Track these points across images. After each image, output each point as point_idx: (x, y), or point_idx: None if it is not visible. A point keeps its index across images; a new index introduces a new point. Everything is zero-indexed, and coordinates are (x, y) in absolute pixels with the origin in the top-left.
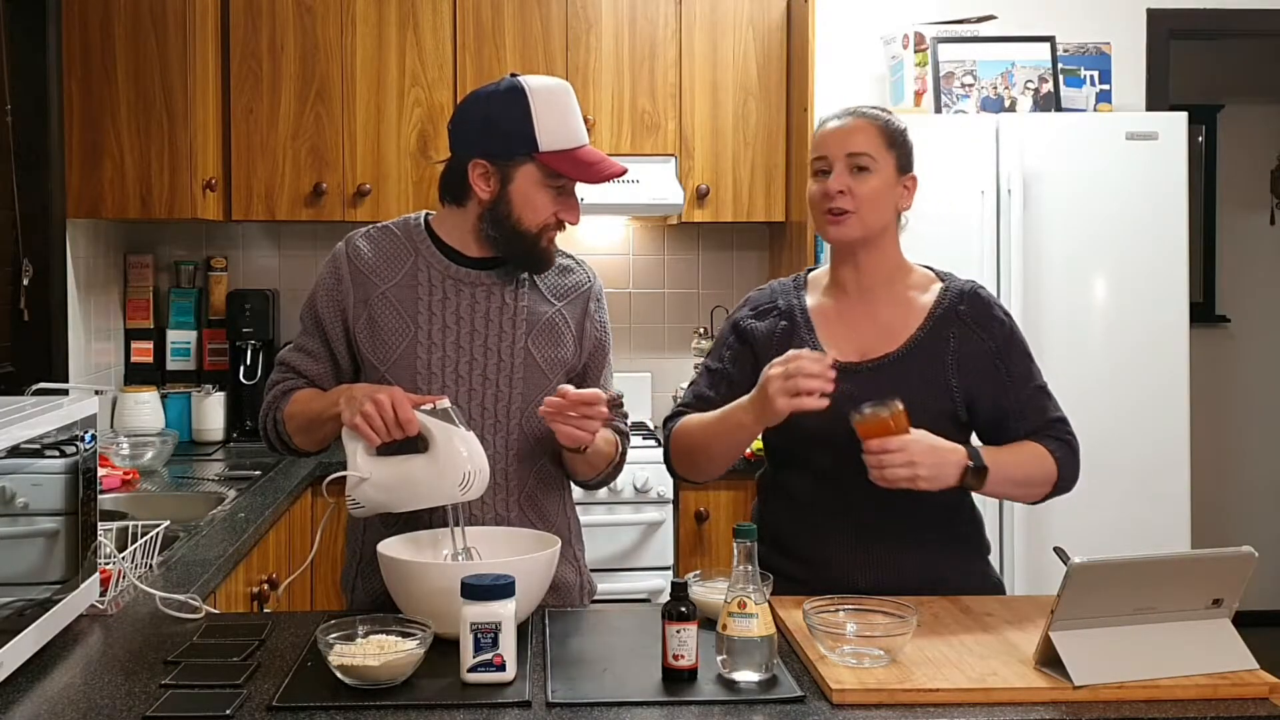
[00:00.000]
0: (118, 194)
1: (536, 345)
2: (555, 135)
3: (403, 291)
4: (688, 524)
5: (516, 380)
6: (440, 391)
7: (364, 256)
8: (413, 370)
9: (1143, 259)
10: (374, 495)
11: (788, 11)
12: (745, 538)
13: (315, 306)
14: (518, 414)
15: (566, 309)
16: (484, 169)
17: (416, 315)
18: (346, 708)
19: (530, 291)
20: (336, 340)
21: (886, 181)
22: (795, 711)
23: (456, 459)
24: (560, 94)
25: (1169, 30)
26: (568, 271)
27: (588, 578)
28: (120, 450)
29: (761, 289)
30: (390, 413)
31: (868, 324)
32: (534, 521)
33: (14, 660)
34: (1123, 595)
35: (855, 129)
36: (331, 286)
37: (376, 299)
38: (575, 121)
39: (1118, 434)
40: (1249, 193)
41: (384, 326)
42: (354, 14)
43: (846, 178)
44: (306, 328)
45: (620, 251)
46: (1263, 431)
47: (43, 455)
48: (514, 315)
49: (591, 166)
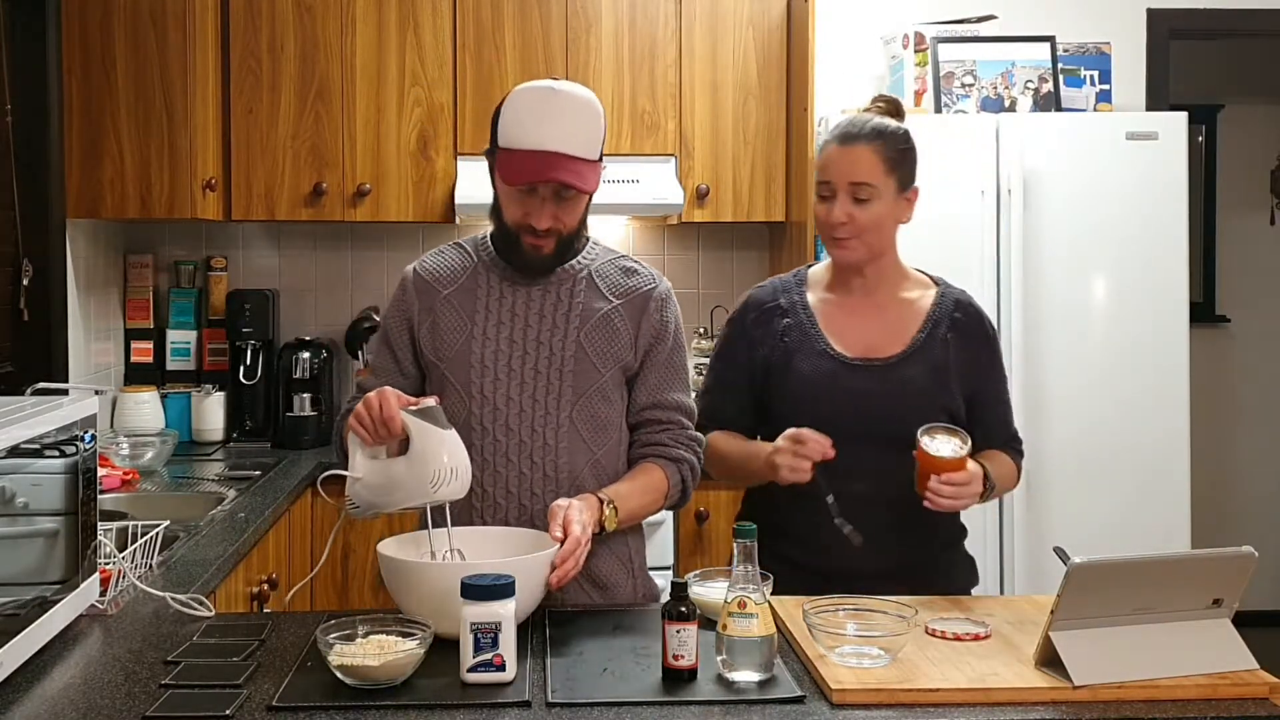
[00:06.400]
0: (118, 194)
1: (589, 339)
2: (508, 133)
3: (463, 295)
4: (688, 524)
5: (567, 374)
6: (493, 384)
7: (429, 270)
8: (467, 364)
9: (1143, 259)
10: (366, 496)
11: (788, 11)
12: (745, 538)
13: (385, 325)
14: (568, 406)
15: (624, 307)
16: (489, 165)
17: (474, 314)
18: (346, 708)
19: (588, 290)
20: (403, 350)
21: (888, 205)
22: (795, 711)
23: (432, 458)
24: (531, 93)
25: (1169, 30)
26: (632, 274)
27: (643, 580)
28: (120, 450)
29: (762, 286)
30: (377, 412)
31: (872, 321)
32: None
33: (14, 660)
34: (1123, 595)
35: (858, 157)
36: (399, 300)
37: (440, 304)
38: (534, 123)
39: (1118, 434)
40: (1249, 193)
41: (444, 326)
42: (354, 14)
43: (849, 206)
44: (375, 348)
45: (620, 251)
46: (1263, 431)
47: (43, 455)
48: (568, 311)
49: (518, 168)
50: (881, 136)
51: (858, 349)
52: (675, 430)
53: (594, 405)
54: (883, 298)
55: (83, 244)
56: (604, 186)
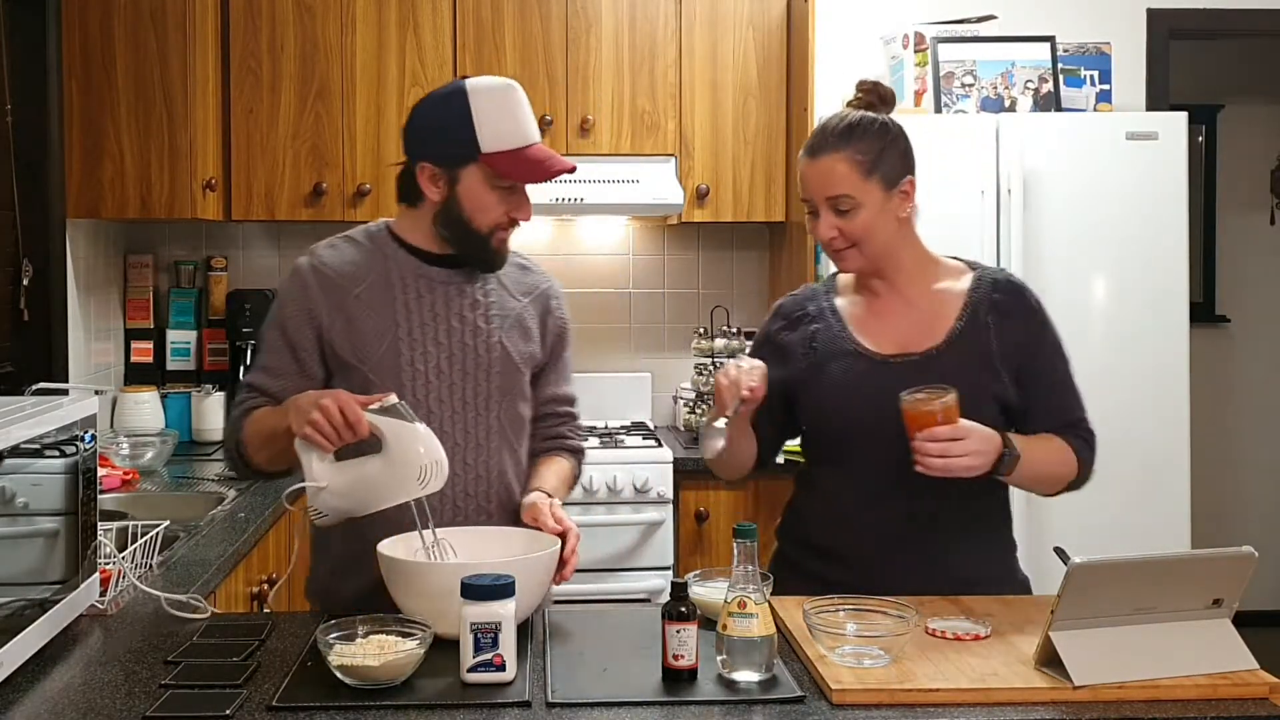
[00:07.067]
0: (118, 194)
1: (510, 339)
2: (498, 135)
3: (377, 293)
4: (688, 524)
5: (494, 374)
6: (424, 387)
7: (331, 265)
8: (396, 368)
9: (1143, 259)
10: (335, 502)
11: (788, 11)
12: (745, 538)
13: (281, 322)
14: (496, 407)
15: (531, 305)
16: (432, 172)
17: (395, 314)
18: (346, 708)
19: (498, 288)
20: (306, 351)
21: (875, 208)
22: (795, 711)
23: (412, 454)
24: (504, 93)
25: (1169, 30)
26: (526, 270)
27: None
28: (120, 450)
29: (795, 294)
30: (338, 416)
31: (904, 317)
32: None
33: (14, 660)
34: (1123, 595)
35: (828, 169)
36: (299, 298)
37: (351, 302)
38: (519, 120)
39: (1118, 434)
40: (1249, 193)
41: (363, 328)
42: (354, 14)
43: (833, 219)
44: (270, 346)
45: (620, 251)
46: (1263, 431)
47: (43, 455)
48: (486, 311)
49: (536, 165)
50: (849, 140)
51: (891, 347)
52: (571, 422)
53: (516, 404)
54: (913, 293)
55: (83, 244)
56: (604, 186)
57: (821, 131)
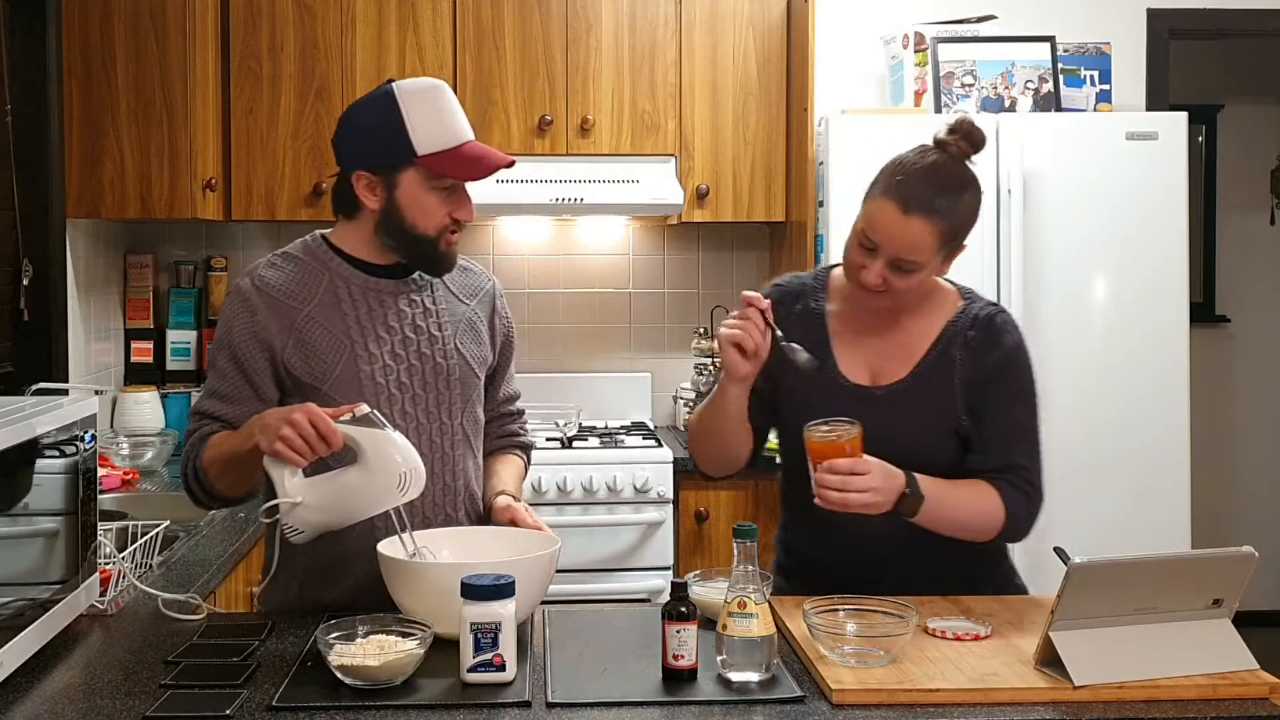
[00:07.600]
0: (118, 194)
1: (464, 345)
2: (432, 136)
3: (326, 310)
4: (688, 524)
5: (454, 381)
6: (387, 402)
7: (274, 285)
8: (356, 384)
9: (1143, 259)
10: (311, 517)
11: (788, 11)
12: (745, 538)
13: (231, 345)
14: (459, 414)
15: (478, 307)
16: (368, 180)
17: (348, 330)
18: (346, 708)
19: (445, 293)
20: (259, 374)
21: (930, 270)
22: (795, 711)
23: (389, 463)
24: (433, 93)
25: (1169, 30)
26: (467, 271)
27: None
28: (120, 450)
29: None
30: (310, 430)
31: (884, 342)
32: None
33: (14, 660)
34: (1123, 595)
35: (914, 232)
36: (246, 321)
37: (302, 322)
38: (452, 119)
39: (1118, 434)
40: (1249, 193)
41: (318, 347)
42: (354, 14)
43: (887, 273)
44: (221, 371)
45: (620, 251)
46: (1263, 431)
47: (43, 455)
48: (438, 318)
49: (474, 162)
50: (942, 202)
51: (863, 374)
52: (520, 419)
53: (474, 409)
54: (902, 315)
55: (83, 244)
56: (604, 186)
57: (919, 182)
